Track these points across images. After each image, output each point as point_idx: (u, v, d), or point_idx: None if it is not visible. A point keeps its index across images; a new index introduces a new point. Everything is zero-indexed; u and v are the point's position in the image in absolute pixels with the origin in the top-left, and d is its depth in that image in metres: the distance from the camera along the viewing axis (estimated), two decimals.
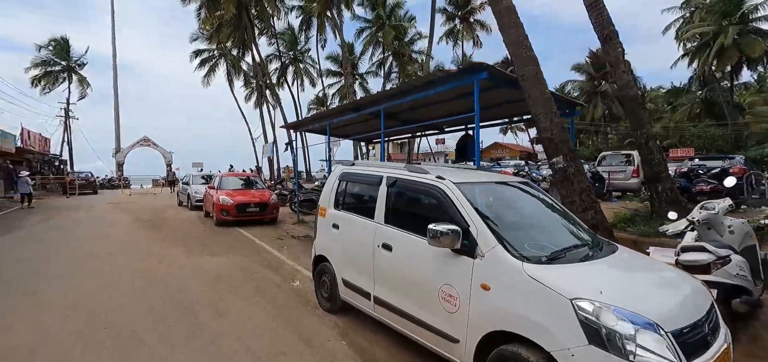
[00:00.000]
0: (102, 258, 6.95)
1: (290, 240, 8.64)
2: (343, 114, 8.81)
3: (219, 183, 11.59)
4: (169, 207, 16.57)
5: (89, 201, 20.40)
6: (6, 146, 18.13)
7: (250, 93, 45.57)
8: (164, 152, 40.16)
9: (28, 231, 10.20)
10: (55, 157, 32.01)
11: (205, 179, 16.90)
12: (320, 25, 33.65)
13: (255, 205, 10.76)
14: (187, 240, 8.62)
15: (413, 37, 37.33)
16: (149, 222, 11.59)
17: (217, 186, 11.49)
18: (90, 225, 11.13)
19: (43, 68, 34.56)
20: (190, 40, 37.59)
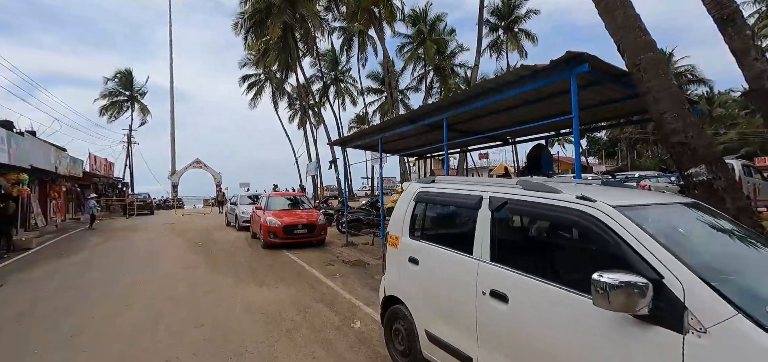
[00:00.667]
0: (149, 288, 6.56)
1: (342, 267, 7.86)
2: (397, 126, 8.02)
3: (266, 204, 11.20)
4: (217, 227, 16.62)
5: (145, 222, 21.20)
6: (75, 171, 19.32)
7: (293, 114, 46.80)
8: (214, 173, 41.84)
9: (85, 254, 10.30)
10: (118, 180, 34.24)
11: (252, 199, 16.84)
12: (361, 44, 33.74)
13: (303, 227, 10.18)
14: (235, 267, 8.12)
15: (454, 51, 36.46)
16: (199, 245, 11.40)
17: (264, 207, 11.09)
18: (142, 249, 11.12)
19: (110, 98, 37.56)
20: (239, 66, 39.40)
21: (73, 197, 23.54)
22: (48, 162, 14.92)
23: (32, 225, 15.41)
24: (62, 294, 6.20)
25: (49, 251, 10.90)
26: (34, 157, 12.96)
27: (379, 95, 41.12)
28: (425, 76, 37.69)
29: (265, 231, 10.07)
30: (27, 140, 12.00)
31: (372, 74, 39.90)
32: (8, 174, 10.86)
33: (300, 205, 11.71)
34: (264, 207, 11.08)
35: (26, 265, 8.81)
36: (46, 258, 9.58)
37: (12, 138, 10.59)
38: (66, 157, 17.92)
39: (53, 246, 12.02)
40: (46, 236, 14.70)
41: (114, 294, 6.16)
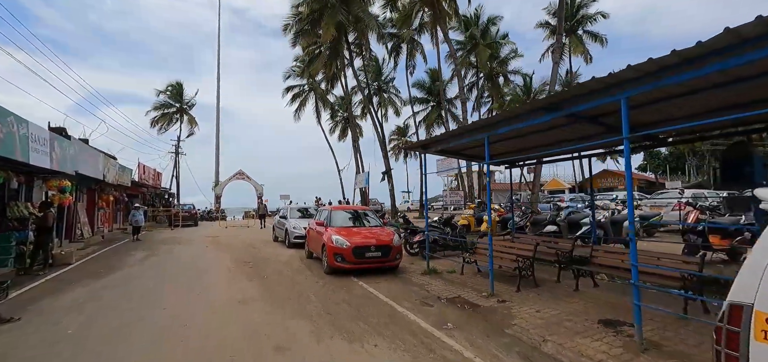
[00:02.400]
0: (193, 333, 4.79)
1: (445, 309, 5.79)
2: (517, 120, 5.90)
3: (328, 219, 9.40)
4: (264, 243, 15.13)
5: (190, 234, 20.29)
6: (124, 180, 18.77)
7: (334, 125, 45.93)
8: (256, 185, 41.54)
9: (124, 274, 8.92)
10: (165, 190, 34.42)
11: (301, 212, 15.27)
12: (410, 51, 32.11)
13: (376, 249, 8.23)
14: (303, 302, 6.26)
15: (508, 56, 33.99)
16: (249, 266, 9.76)
17: (327, 223, 9.29)
18: (186, 269, 9.63)
19: (161, 111, 38.32)
20: (284, 78, 39.11)
21: (122, 206, 23.25)
22: (96, 169, 14.13)
23: (78, 236, 14.65)
24: (83, 338, 4.58)
25: (88, 268, 9.68)
26: (81, 164, 12.05)
27: (425, 105, 39.20)
28: (477, 84, 35.39)
29: (331, 253, 8.21)
30: (73, 145, 11.05)
31: (418, 83, 38.11)
32: (50, 180, 9.84)
33: (367, 221, 9.80)
34: (327, 223, 9.28)
35: (57, 288, 7.46)
36: (81, 279, 8.26)
37: (56, 140, 9.55)
38: (115, 165, 17.32)
39: (94, 261, 10.88)
40: (90, 248, 13.79)
41: (146, 340, 4.44)
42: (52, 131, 10.70)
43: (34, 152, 8.34)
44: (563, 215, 9.79)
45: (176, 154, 37.45)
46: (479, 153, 9.33)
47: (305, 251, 11.16)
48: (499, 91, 35.25)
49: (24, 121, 7.88)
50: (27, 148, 8.04)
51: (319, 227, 9.48)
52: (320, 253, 9.09)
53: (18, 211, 9.17)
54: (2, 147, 6.95)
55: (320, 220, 9.65)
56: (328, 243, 8.40)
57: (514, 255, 6.82)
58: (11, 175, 8.56)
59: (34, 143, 8.39)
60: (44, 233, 9.01)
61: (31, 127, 8.19)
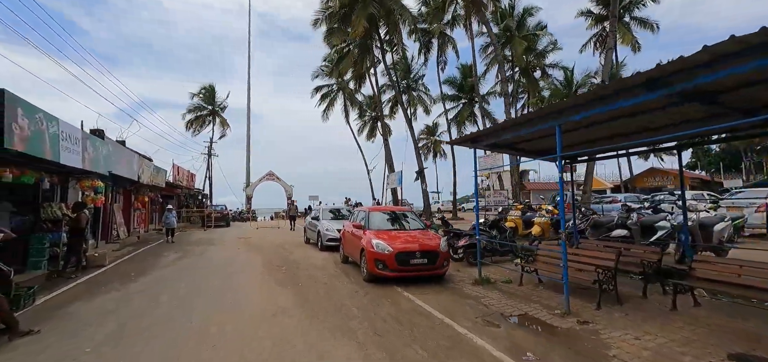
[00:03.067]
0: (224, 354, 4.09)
1: (512, 329, 4.83)
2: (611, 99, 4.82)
3: (367, 221, 8.61)
4: (295, 245, 14.58)
5: (222, 235, 20.20)
6: (158, 181, 18.88)
7: (362, 125, 45.42)
8: (285, 185, 41.70)
9: (155, 277, 8.51)
10: (199, 191, 35.03)
11: (333, 214, 14.61)
12: (441, 46, 30.92)
13: (421, 255, 7.34)
14: (343, 317, 5.48)
15: (546, 49, 32.10)
16: (282, 270, 9.13)
17: (365, 225, 8.50)
18: (218, 272, 9.12)
19: (195, 113, 39.18)
20: (312, 78, 38.92)
21: (157, 207, 23.59)
22: (130, 170, 14.08)
23: (114, 237, 14.68)
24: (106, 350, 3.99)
25: (120, 270, 9.39)
26: (115, 164, 11.92)
27: (456, 102, 37.84)
28: (511, 78, 33.66)
29: (371, 259, 7.41)
30: (107, 145, 10.89)
31: (448, 80, 36.77)
32: (83, 180, 9.65)
33: (408, 223, 8.93)
34: (365, 226, 8.49)
35: (87, 292, 7.08)
36: (113, 282, 7.89)
37: (88, 140, 9.33)
38: (150, 166, 17.38)
39: (127, 263, 10.64)
40: (126, 249, 13.74)
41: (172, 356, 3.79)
42: (92, 132, 10.57)
43: (65, 151, 8.06)
44: (634, 217, 8.50)
45: (209, 155, 38.16)
46: (536, 147, 8.26)
47: (340, 255, 10.43)
48: (536, 87, 33.41)
49: (54, 119, 7.59)
50: (57, 146, 7.75)
51: (357, 230, 8.70)
52: (358, 258, 8.32)
53: (51, 212, 8.98)
54: (30, 145, 6.62)
55: (357, 222, 8.87)
56: (367, 248, 7.59)
57: (593, 265, 5.73)
58: (43, 175, 8.34)
59: (66, 142, 8.12)
60: (77, 235, 8.76)
61: (61, 125, 7.91)
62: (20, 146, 6.34)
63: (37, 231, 8.89)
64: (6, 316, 4.61)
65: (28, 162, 7.52)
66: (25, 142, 6.53)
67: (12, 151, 6.08)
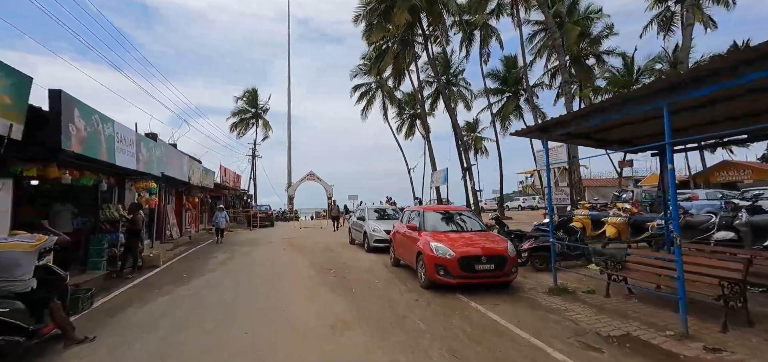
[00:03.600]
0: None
1: (620, 354, 3.94)
2: (739, 72, 3.82)
3: (421, 222, 7.92)
4: (341, 246, 14.20)
5: (267, 234, 20.38)
6: (207, 182, 19.37)
7: (401, 123, 44.76)
8: (326, 185, 42.02)
9: (204, 281, 8.35)
10: (244, 191, 36.08)
11: (379, 213, 14.07)
12: (484, 38, 29.49)
13: (487, 260, 6.53)
14: (412, 333, 4.83)
15: (601, 34, 29.61)
16: (332, 274, 8.67)
17: (420, 226, 7.82)
18: (266, 274, 8.83)
19: (239, 116, 40.49)
20: (350, 77, 38.89)
21: (206, 208, 24.35)
22: (181, 171, 14.38)
23: (167, 237, 15.10)
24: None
25: (173, 271, 9.39)
26: (167, 166, 12.13)
27: (500, 96, 36.12)
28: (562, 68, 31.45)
29: (430, 263, 6.71)
30: (159, 147, 11.03)
31: (491, 73, 35.15)
32: (138, 182, 9.79)
33: (466, 224, 8.12)
34: (420, 227, 7.81)
35: (140, 296, 6.97)
36: (164, 285, 7.80)
37: (142, 141, 9.41)
38: (199, 168, 17.80)
39: (179, 263, 10.71)
40: (178, 249, 14.04)
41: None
42: (147, 136, 10.77)
43: (120, 153, 8.10)
44: (743, 217, 7.12)
45: (253, 156, 39.20)
46: (618, 136, 7.16)
47: (390, 257, 9.83)
48: (589, 76, 30.98)
49: (109, 121, 7.60)
50: (113, 148, 7.77)
51: (411, 231, 8.04)
52: (413, 262, 7.65)
53: (109, 213, 9.15)
54: (87, 146, 6.60)
55: (412, 223, 8.19)
56: (425, 252, 6.90)
57: (716, 277, 4.66)
58: (101, 177, 8.46)
59: (121, 143, 8.15)
60: (133, 236, 8.83)
61: (116, 127, 7.93)
62: (77, 147, 6.30)
63: (97, 232, 9.08)
64: (61, 322, 4.41)
65: (87, 163, 7.59)
66: (82, 143, 6.49)
67: (69, 152, 6.03)
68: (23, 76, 5.27)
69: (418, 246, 7.31)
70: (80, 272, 8.48)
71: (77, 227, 8.85)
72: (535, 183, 58.79)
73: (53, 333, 4.49)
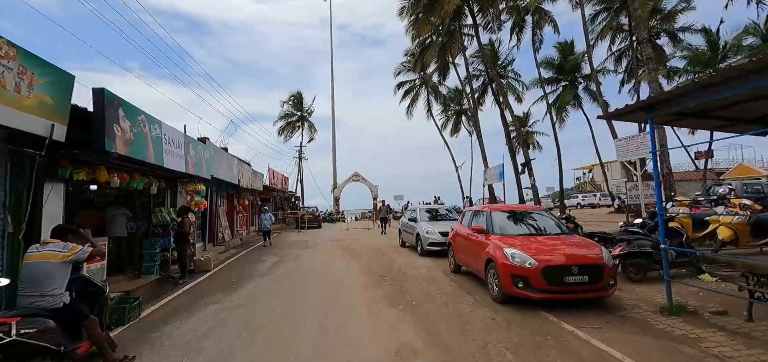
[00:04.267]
0: None
1: None
2: None
3: (489, 223, 6.82)
4: (392, 249, 13.38)
5: (315, 236, 20.14)
6: (256, 184, 19.52)
7: (446, 121, 43.27)
8: (371, 186, 41.65)
9: (253, 289, 7.87)
10: (292, 194, 36.66)
11: (431, 214, 13.07)
12: (536, 23, 27.26)
13: (579, 270, 5.32)
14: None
15: (675, 8, 26.18)
16: (387, 281, 7.83)
17: (488, 228, 6.73)
18: (318, 282, 8.19)
19: (286, 120, 41.34)
20: (394, 75, 38.23)
21: (257, 210, 24.77)
22: (231, 174, 14.37)
23: (219, 240, 15.21)
24: None
25: (222, 277, 9.09)
26: (217, 168, 12.03)
27: (555, 86, 33.49)
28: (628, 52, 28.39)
29: (505, 273, 5.62)
30: (208, 149, 10.90)
31: (545, 61, 32.62)
32: (187, 184, 9.66)
33: (543, 226, 6.89)
34: (487, 229, 6.73)
35: (187, 305, 6.59)
36: (213, 293, 7.41)
37: (190, 143, 9.22)
38: (248, 170, 17.90)
39: (229, 267, 10.47)
40: (229, 251, 14.03)
41: None
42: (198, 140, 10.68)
43: (168, 155, 7.86)
44: None
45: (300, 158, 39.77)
46: (747, 113, 5.59)
47: (450, 263, 8.82)
48: (661, 57, 27.58)
49: (156, 121, 7.36)
50: (161, 150, 7.53)
51: (476, 235, 6.97)
52: (481, 271, 6.58)
53: (161, 217, 9.05)
54: (132, 148, 6.32)
55: (477, 225, 7.10)
56: (499, 260, 5.82)
57: None
58: (151, 180, 8.31)
59: (169, 145, 7.92)
60: (182, 239, 8.61)
61: (164, 128, 7.69)
62: (122, 149, 6.01)
63: (150, 236, 9.00)
64: (98, 341, 3.95)
65: (136, 166, 7.41)
66: (128, 144, 6.21)
67: (114, 154, 5.74)
68: (64, 73, 4.98)
69: (488, 252, 6.25)
70: (135, 277, 8.39)
71: (131, 231, 8.82)
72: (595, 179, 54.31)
73: (91, 350, 4.05)
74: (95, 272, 7.13)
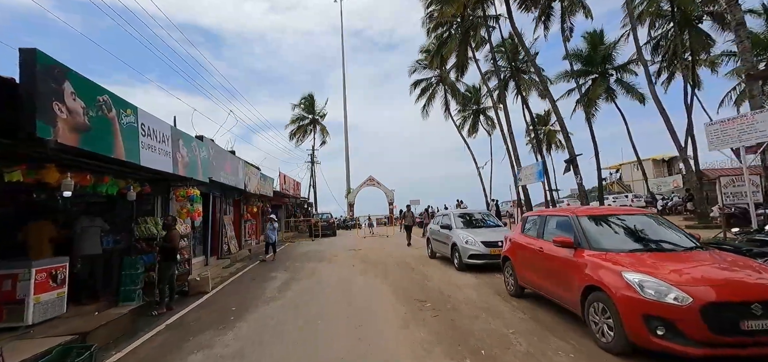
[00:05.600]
0: None
1: None
2: None
3: (581, 233, 4.84)
4: (421, 261, 11.46)
5: (331, 246, 18.36)
6: (265, 190, 17.87)
7: (463, 121, 41.20)
8: (387, 190, 39.86)
9: (256, 322, 6.04)
10: (304, 200, 35.02)
11: (465, 219, 11.09)
12: (566, 8, 25.03)
13: (765, 310, 3.32)
14: None
15: None
16: (431, 311, 5.90)
17: (579, 240, 4.75)
18: (340, 311, 6.31)
19: (297, 123, 39.87)
20: (409, 73, 36.42)
21: (267, 217, 23.14)
22: (236, 177, 12.70)
23: (225, 251, 13.53)
24: None
25: (220, 303, 7.31)
26: (217, 170, 10.35)
27: (584, 78, 31.13)
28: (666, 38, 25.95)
29: (633, 312, 3.65)
30: (206, 147, 9.22)
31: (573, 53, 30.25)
32: (178, 188, 7.94)
33: (656, 236, 4.86)
34: (577, 241, 4.76)
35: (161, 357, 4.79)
36: (203, 330, 5.63)
37: (181, 139, 7.52)
38: (256, 174, 16.27)
39: (230, 289, 8.71)
40: (234, 266, 12.32)
41: None
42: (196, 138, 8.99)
43: (148, 150, 6.14)
44: None
45: (312, 162, 38.22)
46: None
47: (506, 283, 6.88)
48: (703, 42, 25.09)
49: (129, 107, 5.65)
50: (136, 143, 5.82)
51: (561, 249, 4.99)
52: (574, 302, 4.60)
53: (145, 229, 7.34)
54: (87, 138, 4.60)
55: (562, 236, 5.08)
56: (617, 291, 3.84)
57: None
58: (129, 183, 6.61)
59: (149, 139, 6.21)
60: (167, 258, 6.87)
61: (141, 117, 5.99)
62: (69, 138, 4.29)
63: (132, 253, 7.31)
64: None
65: (106, 165, 5.71)
66: (80, 132, 4.49)
67: (50, 143, 4.01)
68: None
69: (588, 275, 4.29)
70: (110, 304, 6.69)
71: (108, 247, 7.13)
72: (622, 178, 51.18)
73: None
74: (49, 304, 5.41)
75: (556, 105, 18.27)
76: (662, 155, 44.94)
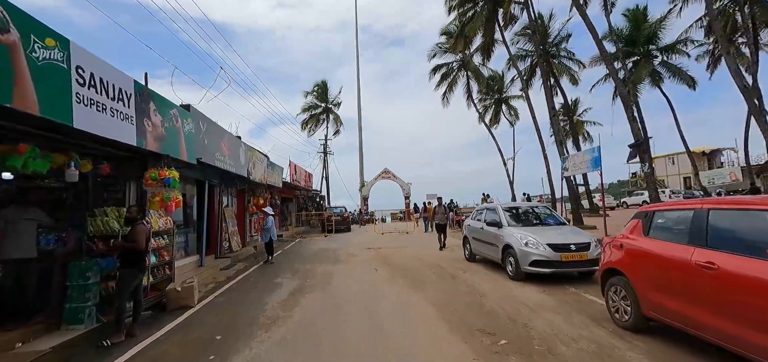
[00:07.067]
0: None
1: None
2: None
3: None
4: (457, 264, 9.34)
5: (345, 243, 16.37)
6: (273, 179, 15.95)
7: (484, 110, 38.64)
8: (403, 183, 37.70)
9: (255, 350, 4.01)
10: (316, 192, 33.18)
11: (512, 213, 8.87)
12: None
13: None
14: None
15: None
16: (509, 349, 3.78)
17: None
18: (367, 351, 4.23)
19: (309, 112, 37.97)
20: (428, 58, 33.97)
21: (277, 210, 21.25)
22: (236, 162, 10.73)
23: (225, 250, 11.65)
24: None
25: (202, 327, 5.32)
26: (210, 151, 8.39)
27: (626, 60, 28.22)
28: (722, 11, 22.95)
29: None
30: (191, 118, 7.20)
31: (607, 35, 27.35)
32: (149, 169, 5.91)
33: None
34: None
35: None
36: None
37: (154, 101, 5.54)
38: (262, 161, 14.33)
39: (221, 302, 6.72)
40: (234, 267, 10.39)
41: None
42: (182, 108, 7.00)
43: (88, 108, 4.16)
44: None
45: (325, 153, 36.29)
46: None
47: (612, 307, 4.71)
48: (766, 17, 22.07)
49: (52, 35, 3.65)
50: (67, 97, 3.84)
51: (756, 261, 2.79)
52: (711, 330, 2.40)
53: (103, 223, 5.38)
54: None
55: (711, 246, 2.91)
56: None
57: None
58: (72, 159, 4.65)
59: (91, 91, 4.22)
60: (130, 263, 4.87)
61: (76, 55, 4.00)
62: None
63: (84, 255, 5.38)
64: None
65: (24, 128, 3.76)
66: None
67: None
68: None
69: None
70: (49, 328, 4.79)
71: (48, 248, 5.19)
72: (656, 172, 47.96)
73: None
74: None
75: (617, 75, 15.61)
76: (702, 148, 41.63)
